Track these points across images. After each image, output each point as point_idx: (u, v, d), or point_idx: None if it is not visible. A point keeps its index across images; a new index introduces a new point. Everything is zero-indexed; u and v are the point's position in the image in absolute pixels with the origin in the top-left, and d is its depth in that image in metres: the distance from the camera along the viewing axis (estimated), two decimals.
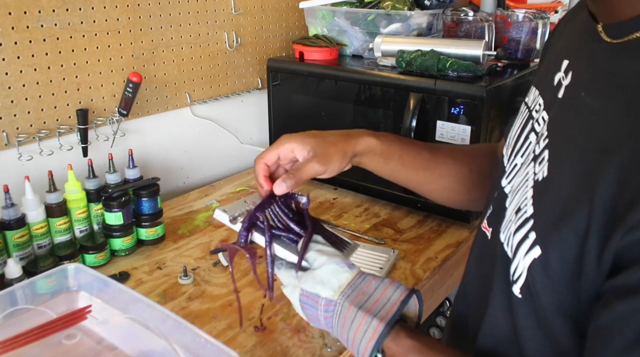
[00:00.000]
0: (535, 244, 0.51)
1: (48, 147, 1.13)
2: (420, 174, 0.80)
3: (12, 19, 1.02)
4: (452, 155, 0.82)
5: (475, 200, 0.83)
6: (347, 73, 1.27)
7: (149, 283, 0.99)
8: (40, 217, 0.98)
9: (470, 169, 0.82)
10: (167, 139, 1.38)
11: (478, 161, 0.83)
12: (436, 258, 1.09)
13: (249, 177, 1.50)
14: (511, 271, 0.54)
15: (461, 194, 0.83)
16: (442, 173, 0.81)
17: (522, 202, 0.55)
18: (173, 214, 1.27)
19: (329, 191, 1.40)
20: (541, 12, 1.32)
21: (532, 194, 0.54)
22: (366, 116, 1.27)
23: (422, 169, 0.80)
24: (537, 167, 0.56)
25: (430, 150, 0.81)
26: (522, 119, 0.65)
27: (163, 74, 1.32)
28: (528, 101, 0.65)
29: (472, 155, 0.85)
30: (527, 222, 0.53)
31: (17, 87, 1.06)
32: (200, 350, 0.69)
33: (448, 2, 1.42)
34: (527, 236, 0.52)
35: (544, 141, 0.56)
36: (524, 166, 0.59)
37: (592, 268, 0.46)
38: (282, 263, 0.70)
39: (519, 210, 0.55)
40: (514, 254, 0.54)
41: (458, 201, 0.86)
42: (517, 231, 0.54)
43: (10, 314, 0.77)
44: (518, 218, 0.55)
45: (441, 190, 0.83)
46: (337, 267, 0.65)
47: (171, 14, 1.29)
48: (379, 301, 0.61)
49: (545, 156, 0.55)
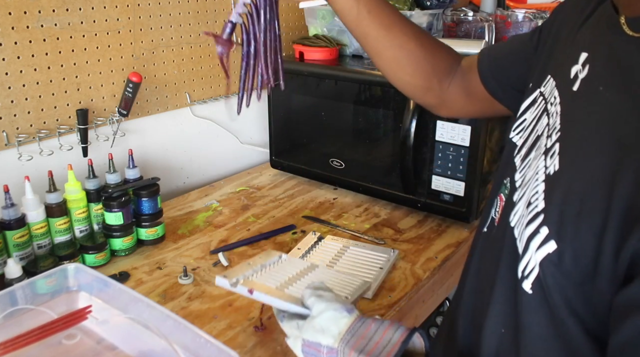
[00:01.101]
0: (549, 238, 0.50)
1: (48, 147, 1.13)
2: (381, 32, 0.78)
3: (12, 19, 1.02)
4: (416, 33, 0.81)
5: (415, 86, 0.83)
6: (347, 73, 1.27)
7: (149, 283, 0.99)
8: (40, 217, 0.98)
9: (426, 55, 0.81)
10: (167, 139, 1.38)
11: (436, 53, 0.83)
12: (436, 258, 1.09)
13: (249, 177, 1.50)
14: (521, 267, 0.54)
15: (406, 74, 0.82)
16: (399, 43, 0.80)
17: (533, 196, 0.55)
18: (173, 214, 1.27)
19: (329, 191, 1.40)
20: (541, 12, 1.32)
21: (544, 188, 0.53)
22: (366, 116, 1.27)
23: (384, 27, 0.78)
24: (549, 160, 0.55)
25: (399, 16, 0.80)
26: (538, 110, 0.64)
27: (163, 74, 1.32)
28: (545, 92, 0.64)
29: (434, 45, 0.84)
30: (538, 217, 0.52)
31: (17, 87, 1.06)
32: (200, 350, 0.69)
33: (448, 2, 1.42)
34: (537, 231, 0.51)
35: (556, 134, 0.55)
36: (535, 160, 0.58)
37: (608, 269, 0.45)
38: (285, 315, 0.71)
39: (530, 204, 0.55)
40: (525, 248, 0.53)
41: (399, 78, 0.84)
42: (528, 225, 0.53)
43: (10, 314, 0.76)
44: (529, 212, 0.54)
45: (390, 60, 0.82)
46: (336, 313, 0.65)
47: (171, 14, 1.29)
48: (379, 344, 0.61)
49: (556, 149, 0.54)
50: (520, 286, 0.54)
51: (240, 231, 1.19)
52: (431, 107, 0.89)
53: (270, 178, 1.49)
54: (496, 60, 0.79)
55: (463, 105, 0.85)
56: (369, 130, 1.28)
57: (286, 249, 1.11)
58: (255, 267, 0.85)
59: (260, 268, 0.86)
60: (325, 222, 1.23)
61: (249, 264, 0.86)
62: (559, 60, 0.64)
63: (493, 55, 0.80)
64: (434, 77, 0.82)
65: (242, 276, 0.81)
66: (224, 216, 1.27)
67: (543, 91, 0.64)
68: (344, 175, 1.35)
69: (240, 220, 1.24)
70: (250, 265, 0.86)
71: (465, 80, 0.83)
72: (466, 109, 0.86)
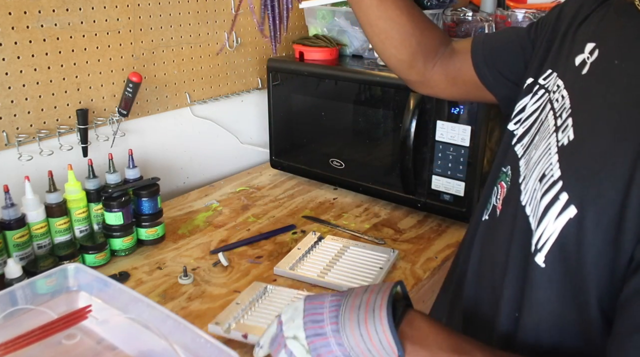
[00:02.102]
0: (569, 204, 0.50)
1: (48, 147, 1.13)
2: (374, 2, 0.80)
3: (12, 19, 1.02)
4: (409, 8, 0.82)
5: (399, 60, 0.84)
6: (347, 73, 1.27)
7: (149, 283, 0.99)
8: (40, 217, 0.98)
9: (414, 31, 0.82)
10: (167, 139, 1.38)
11: (425, 32, 0.83)
12: (436, 258, 1.09)
13: (249, 177, 1.50)
14: (534, 240, 0.54)
15: (393, 47, 0.83)
16: (390, 15, 0.81)
17: (547, 168, 0.55)
18: (173, 214, 1.27)
19: (329, 191, 1.40)
20: (541, 12, 1.32)
21: (558, 158, 0.54)
22: (366, 116, 1.27)
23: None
24: (560, 135, 0.55)
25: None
26: (541, 101, 0.64)
27: (163, 74, 1.32)
28: (545, 84, 0.65)
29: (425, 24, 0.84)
30: (555, 185, 0.52)
31: (17, 87, 1.06)
32: (200, 350, 0.69)
33: (448, 2, 1.41)
34: (557, 198, 0.51)
35: (566, 113, 0.56)
36: (542, 141, 0.59)
37: (634, 223, 0.45)
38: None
39: (544, 176, 0.55)
40: (540, 220, 0.53)
41: (385, 50, 0.85)
42: (544, 196, 0.53)
43: (10, 314, 0.77)
44: (543, 185, 0.54)
45: (380, 30, 0.83)
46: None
47: (171, 14, 1.29)
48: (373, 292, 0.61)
49: (569, 123, 0.55)
50: (533, 260, 0.53)
51: (240, 231, 1.19)
52: (412, 83, 0.89)
53: (270, 178, 1.49)
54: (491, 49, 0.80)
55: (445, 87, 0.86)
56: (369, 130, 1.28)
57: (286, 249, 1.11)
58: (244, 306, 0.88)
59: (249, 305, 0.89)
60: (325, 222, 1.23)
61: (237, 303, 0.89)
62: (558, 54, 0.65)
63: (488, 43, 0.81)
64: (420, 54, 0.83)
65: (233, 319, 0.85)
66: (224, 216, 1.27)
67: (543, 83, 0.65)
68: (344, 175, 1.35)
69: (240, 220, 1.24)
70: (239, 304, 0.88)
71: (453, 63, 0.84)
72: (448, 91, 0.87)
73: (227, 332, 0.82)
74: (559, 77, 0.62)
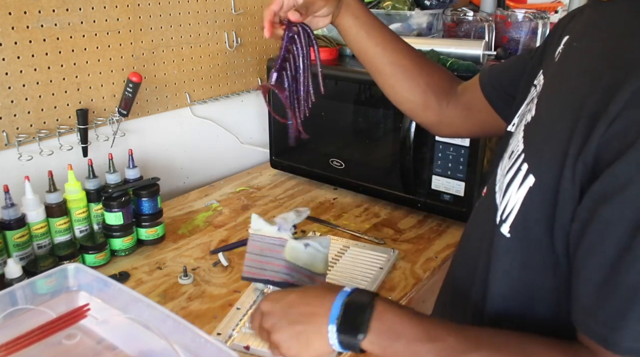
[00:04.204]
0: (528, 173, 0.53)
1: (48, 147, 1.13)
2: (377, 50, 0.86)
3: (12, 19, 1.02)
4: (409, 51, 0.88)
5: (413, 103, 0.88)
6: (347, 73, 1.27)
7: (149, 283, 0.99)
8: (40, 217, 0.98)
9: (420, 72, 0.87)
10: (167, 139, 1.38)
11: (430, 72, 0.88)
12: (436, 258, 1.09)
13: (249, 177, 1.50)
14: (499, 213, 0.56)
15: (403, 89, 0.88)
16: (393, 59, 0.86)
17: (515, 145, 0.58)
18: (173, 214, 1.27)
19: (329, 191, 1.40)
20: (541, 12, 1.32)
21: (523, 135, 0.58)
22: (366, 116, 1.27)
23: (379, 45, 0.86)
24: (528, 115, 0.59)
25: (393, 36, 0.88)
26: (529, 98, 0.67)
27: (163, 74, 1.32)
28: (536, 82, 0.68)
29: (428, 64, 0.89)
30: (519, 158, 0.55)
31: (17, 87, 1.06)
32: (200, 350, 0.69)
33: (448, 2, 1.42)
34: (519, 169, 0.55)
35: (537, 97, 0.60)
36: (519, 126, 0.62)
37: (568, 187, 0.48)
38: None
39: (512, 153, 0.58)
40: (504, 193, 0.56)
41: (396, 93, 0.89)
42: (509, 171, 0.57)
43: (10, 314, 0.77)
44: (511, 160, 0.57)
45: (389, 76, 0.88)
46: None
47: (171, 14, 1.29)
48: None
49: (535, 101, 0.59)
50: (499, 231, 0.56)
51: (240, 231, 1.19)
52: (432, 125, 0.92)
53: (270, 178, 1.49)
54: (497, 73, 0.83)
55: (462, 122, 0.88)
56: (369, 130, 1.28)
57: None
58: (244, 311, 0.88)
59: (250, 310, 0.89)
60: (325, 222, 1.23)
61: (238, 308, 0.89)
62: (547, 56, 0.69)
63: (494, 69, 0.85)
64: (431, 93, 0.87)
65: (235, 327, 0.85)
66: (224, 216, 1.27)
67: (535, 83, 0.69)
68: (344, 175, 1.35)
69: (240, 220, 1.24)
70: (239, 310, 0.88)
71: (464, 96, 0.87)
72: (465, 127, 0.89)
73: (229, 343, 0.82)
74: (542, 73, 0.65)
